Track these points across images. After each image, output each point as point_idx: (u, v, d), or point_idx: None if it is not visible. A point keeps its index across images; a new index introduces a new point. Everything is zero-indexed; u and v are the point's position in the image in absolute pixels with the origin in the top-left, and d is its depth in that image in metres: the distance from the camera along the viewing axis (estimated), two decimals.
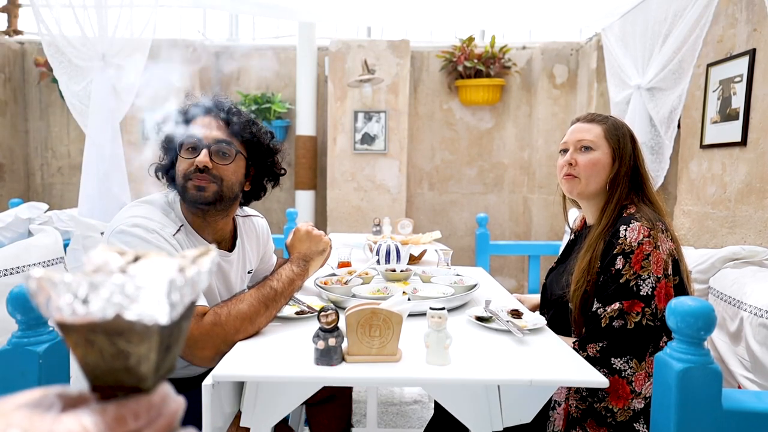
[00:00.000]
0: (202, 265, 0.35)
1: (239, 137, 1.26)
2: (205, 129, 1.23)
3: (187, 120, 1.27)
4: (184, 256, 0.35)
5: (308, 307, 1.28)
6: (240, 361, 0.97)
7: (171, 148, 1.28)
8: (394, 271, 1.63)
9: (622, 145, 1.34)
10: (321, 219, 3.96)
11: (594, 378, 0.90)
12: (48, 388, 0.32)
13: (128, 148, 2.58)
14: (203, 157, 1.20)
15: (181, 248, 1.19)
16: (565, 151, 1.40)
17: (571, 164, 1.36)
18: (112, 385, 0.33)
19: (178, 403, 0.34)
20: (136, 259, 0.34)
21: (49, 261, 1.76)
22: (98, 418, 0.30)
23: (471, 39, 3.71)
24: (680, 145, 2.41)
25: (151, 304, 0.32)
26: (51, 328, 0.94)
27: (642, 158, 1.37)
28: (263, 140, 1.32)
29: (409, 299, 1.22)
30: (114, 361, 0.33)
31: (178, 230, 1.22)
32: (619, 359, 1.16)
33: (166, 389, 0.34)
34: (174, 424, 0.34)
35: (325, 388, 1.10)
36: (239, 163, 1.27)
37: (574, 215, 1.67)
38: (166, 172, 1.31)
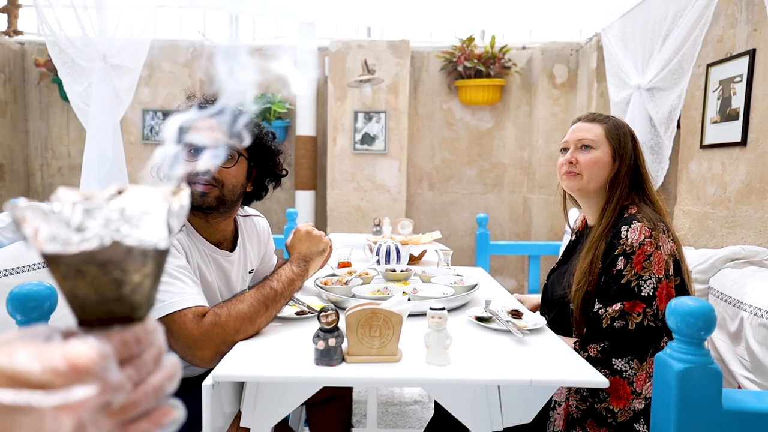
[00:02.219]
0: (182, 198, 0.34)
1: (242, 140, 1.26)
2: (207, 131, 1.23)
3: (189, 121, 1.27)
4: (161, 189, 0.34)
5: (308, 307, 1.28)
6: (240, 361, 0.97)
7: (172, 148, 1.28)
8: (394, 271, 1.63)
9: (623, 145, 1.34)
10: (321, 219, 3.96)
11: (594, 378, 0.90)
12: (34, 327, 0.31)
13: (128, 148, 2.58)
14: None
15: (182, 249, 1.20)
16: (565, 150, 1.40)
17: (571, 163, 1.36)
18: (102, 318, 0.32)
19: (162, 333, 0.35)
20: (119, 192, 0.33)
21: None
22: (105, 341, 0.30)
23: (471, 39, 3.71)
24: (680, 145, 2.41)
25: (152, 229, 0.31)
26: None
27: (643, 158, 1.37)
28: (265, 142, 1.32)
29: (409, 299, 1.22)
30: (107, 291, 0.31)
31: (180, 230, 1.23)
32: (620, 360, 1.16)
33: (154, 319, 0.35)
34: (163, 352, 0.34)
35: (325, 389, 1.10)
36: (241, 165, 1.27)
37: (574, 215, 1.67)
38: (167, 172, 1.31)
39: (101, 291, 0.31)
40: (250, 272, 1.46)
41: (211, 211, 1.24)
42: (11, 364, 0.27)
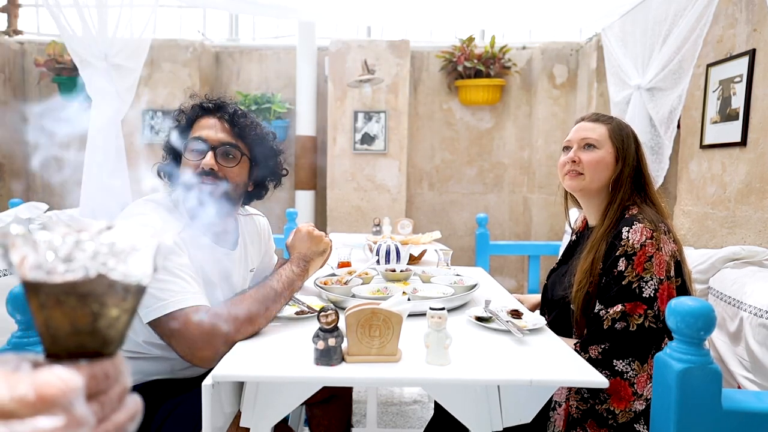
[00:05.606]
0: (167, 237, 0.35)
1: (244, 139, 1.27)
2: (211, 131, 1.23)
3: (192, 121, 1.27)
4: (149, 228, 0.35)
5: (308, 307, 1.28)
6: (240, 361, 0.97)
7: (175, 148, 1.28)
8: (394, 271, 1.63)
9: (626, 146, 1.34)
10: (321, 219, 3.96)
11: (594, 378, 0.90)
12: (3, 355, 0.31)
13: (129, 148, 2.58)
14: (209, 159, 1.20)
15: (185, 247, 1.20)
16: (568, 148, 1.40)
17: (574, 161, 1.36)
18: (72, 351, 0.32)
19: (127, 369, 0.35)
20: (109, 228, 0.33)
21: None
22: (75, 373, 0.30)
23: (471, 39, 3.71)
24: (680, 145, 2.41)
25: (138, 265, 0.32)
26: None
27: (645, 161, 1.37)
28: (267, 141, 1.33)
29: (409, 299, 1.22)
30: (82, 323, 0.32)
31: (182, 229, 1.23)
32: (621, 361, 1.16)
33: (121, 356, 0.34)
34: (127, 390, 0.34)
35: (325, 388, 1.10)
36: (244, 164, 1.28)
37: (574, 215, 1.67)
38: (169, 172, 1.31)
39: (76, 323, 0.32)
40: (250, 271, 1.46)
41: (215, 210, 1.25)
42: None
